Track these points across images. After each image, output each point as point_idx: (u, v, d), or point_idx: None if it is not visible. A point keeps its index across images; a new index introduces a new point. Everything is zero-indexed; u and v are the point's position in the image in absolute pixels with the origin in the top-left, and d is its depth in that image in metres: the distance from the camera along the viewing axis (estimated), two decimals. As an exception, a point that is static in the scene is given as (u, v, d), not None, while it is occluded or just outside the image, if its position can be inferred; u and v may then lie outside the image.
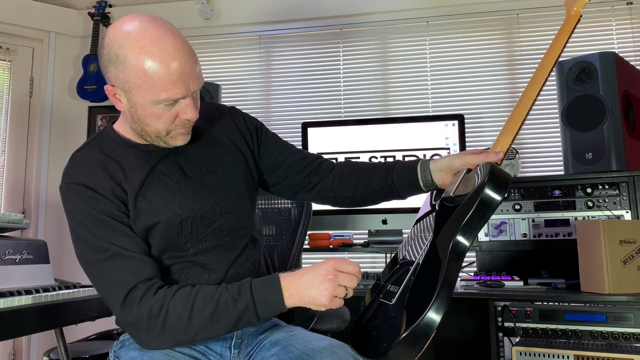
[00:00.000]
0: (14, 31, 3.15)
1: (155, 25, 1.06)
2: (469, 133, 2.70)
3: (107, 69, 1.09)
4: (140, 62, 1.03)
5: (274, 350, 1.18)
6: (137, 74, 1.04)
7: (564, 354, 1.69)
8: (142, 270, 1.08)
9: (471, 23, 2.96)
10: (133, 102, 1.09)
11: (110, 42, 1.07)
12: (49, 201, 3.15)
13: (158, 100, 1.06)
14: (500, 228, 2.21)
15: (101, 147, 1.18)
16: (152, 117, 1.09)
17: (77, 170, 1.14)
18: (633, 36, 2.78)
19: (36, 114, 3.20)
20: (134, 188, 1.13)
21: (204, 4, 3.12)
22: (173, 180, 1.17)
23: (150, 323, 1.04)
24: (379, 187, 1.31)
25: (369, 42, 3.08)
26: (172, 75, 1.04)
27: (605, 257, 1.78)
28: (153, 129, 1.12)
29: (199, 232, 1.17)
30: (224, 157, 1.24)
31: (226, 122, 1.30)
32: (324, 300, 1.02)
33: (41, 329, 1.52)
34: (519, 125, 1.24)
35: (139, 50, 1.03)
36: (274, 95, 3.14)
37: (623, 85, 2.15)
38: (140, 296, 1.04)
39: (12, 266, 1.58)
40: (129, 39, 1.04)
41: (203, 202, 1.18)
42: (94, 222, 1.09)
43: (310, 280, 1.03)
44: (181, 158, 1.20)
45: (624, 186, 2.09)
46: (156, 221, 1.13)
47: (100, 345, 2.01)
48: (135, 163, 1.16)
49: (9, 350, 2.99)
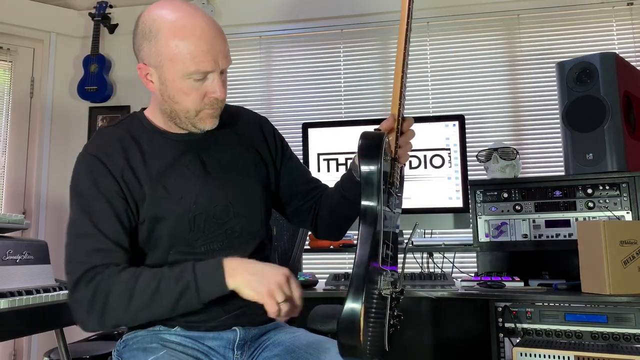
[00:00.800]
0: (15, 32, 3.15)
1: (187, 5, 1.14)
2: (470, 133, 2.70)
3: (141, 46, 1.14)
4: (173, 34, 1.09)
5: (276, 351, 1.18)
6: (169, 46, 1.09)
7: (565, 354, 1.68)
8: (107, 256, 1.09)
9: (472, 23, 2.96)
10: (164, 79, 1.13)
11: (144, 20, 1.14)
12: (50, 201, 3.15)
13: (187, 72, 1.09)
14: (500, 229, 2.21)
15: (129, 128, 1.21)
16: (181, 94, 1.12)
17: (97, 143, 1.18)
18: (633, 37, 2.78)
19: (37, 114, 3.20)
20: (152, 174, 1.15)
21: (204, 4, 3.12)
22: (193, 174, 1.19)
23: (93, 304, 1.05)
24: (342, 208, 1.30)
25: (369, 42, 3.08)
26: (201, 47, 1.09)
27: (606, 257, 1.77)
28: (182, 107, 1.14)
29: (211, 230, 1.18)
30: (245, 159, 1.26)
31: (255, 129, 1.33)
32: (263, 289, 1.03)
33: (42, 329, 1.52)
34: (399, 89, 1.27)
35: (172, 23, 1.10)
36: (275, 96, 3.14)
37: (623, 85, 2.15)
38: (91, 277, 1.06)
39: (12, 266, 1.58)
40: (163, 14, 1.11)
41: (218, 201, 1.19)
42: (89, 196, 1.12)
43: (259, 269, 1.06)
44: (204, 153, 1.22)
45: (625, 187, 2.09)
46: (169, 212, 1.14)
47: (100, 346, 2.01)
48: (159, 150, 1.18)
49: (10, 351, 2.99)
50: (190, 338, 1.17)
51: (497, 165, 2.30)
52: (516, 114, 2.86)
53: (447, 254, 2.47)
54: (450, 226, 2.35)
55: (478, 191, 2.26)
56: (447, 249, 2.35)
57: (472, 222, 2.26)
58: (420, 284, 2.09)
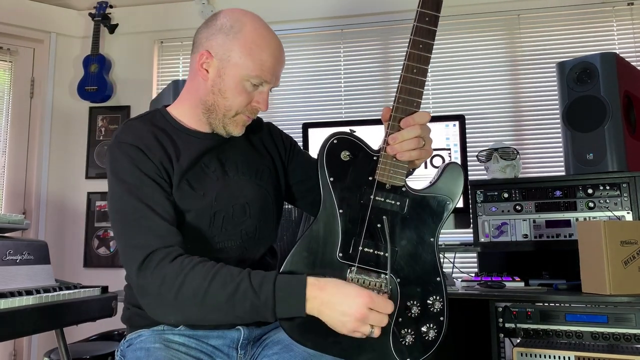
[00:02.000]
0: (15, 32, 3.15)
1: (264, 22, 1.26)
2: (470, 133, 2.70)
3: (214, 36, 1.19)
4: (254, 39, 1.18)
5: (275, 349, 1.19)
6: (246, 46, 1.17)
7: (565, 354, 1.68)
8: (166, 236, 1.07)
9: (472, 23, 2.96)
10: (223, 72, 1.18)
11: (228, 16, 1.21)
12: (50, 202, 3.15)
13: (250, 75, 1.17)
14: (501, 229, 2.21)
15: (154, 122, 1.23)
16: (234, 92, 1.18)
17: (130, 133, 1.18)
18: (634, 37, 2.78)
19: (37, 114, 3.20)
20: (181, 168, 1.17)
21: (204, 5, 3.12)
22: (213, 172, 1.21)
23: (163, 290, 1.02)
24: None
25: (369, 42, 3.08)
26: (272, 60, 1.18)
27: (607, 257, 1.77)
28: (227, 105, 1.19)
29: (229, 228, 1.20)
30: (259, 164, 1.30)
31: (265, 133, 1.38)
32: (344, 330, 1.00)
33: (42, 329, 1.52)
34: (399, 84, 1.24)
35: (256, 30, 1.20)
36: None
37: (624, 85, 2.15)
38: (157, 261, 1.03)
39: (12, 267, 1.58)
40: (248, 18, 1.21)
41: (236, 200, 1.22)
42: (135, 180, 1.11)
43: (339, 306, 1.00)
44: (222, 155, 1.25)
45: (625, 187, 2.09)
46: (192, 206, 1.16)
47: (101, 346, 2.00)
48: (184, 146, 1.21)
49: (10, 351, 2.99)
50: (194, 338, 1.17)
51: (498, 165, 2.29)
52: (517, 114, 2.86)
53: (448, 254, 2.47)
54: (450, 226, 2.35)
55: (478, 191, 2.26)
56: (448, 249, 2.35)
57: (472, 222, 2.26)
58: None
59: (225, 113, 1.20)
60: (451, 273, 2.26)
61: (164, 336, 1.15)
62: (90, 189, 3.18)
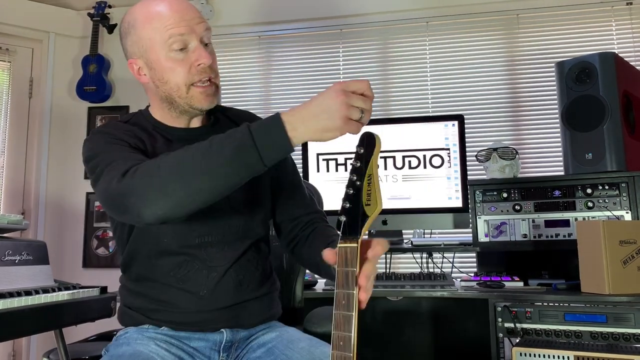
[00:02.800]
0: (14, 32, 3.14)
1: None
2: (469, 133, 2.70)
3: (126, 44, 1.20)
4: (147, 17, 1.15)
5: (259, 352, 1.18)
6: (145, 29, 1.15)
7: (564, 354, 1.68)
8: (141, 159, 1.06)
9: (471, 23, 2.96)
10: (150, 63, 1.16)
11: (123, 21, 1.21)
12: (49, 202, 3.15)
13: (165, 42, 1.13)
14: (500, 228, 2.21)
15: (136, 122, 1.24)
16: (168, 71, 1.15)
17: (106, 125, 1.21)
18: (633, 36, 2.78)
19: (36, 114, 3.20)
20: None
21: (203, 4, 3.12)
22: None
23: (144, 182, 0.97)
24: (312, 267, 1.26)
25: (369, 42, 3.08)
26: (172, 15, 1.14)
27: (606, 257, 1.78)
28: (173, 85, 1.16)
29: (208, 223, 1.16)
30: None
31: None
32: (338, 122, 0.93)
33: (41, 330, 1.52)
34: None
35: (145, 8, 1.17)
36: (274, 96, 3.13)
37: (623, 85, 2.15)
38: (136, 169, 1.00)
39: (11, 267, 1.58)
40: (137, 7, 1.19)
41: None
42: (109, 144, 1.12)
43: (317, 106, 0.93)
44: None
45: (624, 186, 2.09)
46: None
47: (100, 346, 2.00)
48: (165, 144, 1.20)
49: (9, 351, 2.99)
50: (176, 338, 1.17)
51: (497, 165, 2.30)
52: (516, 114, 2.86)
53: (447, 254, 2.47)
54: (449, 226, 2.35)
55: (477, 191, 2.26)
56: (447, 249, 2.35)
57: (471, 222, 2.26)
58: (420, 284, 2.09)
59: (178, 94, 1.17)
60: (450, 273, 2.26)
61: (147, 334, 1.17)
62: (89, 189, 3.18)
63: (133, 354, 1.10)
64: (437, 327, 2.44)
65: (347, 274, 0.88)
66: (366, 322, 2.51)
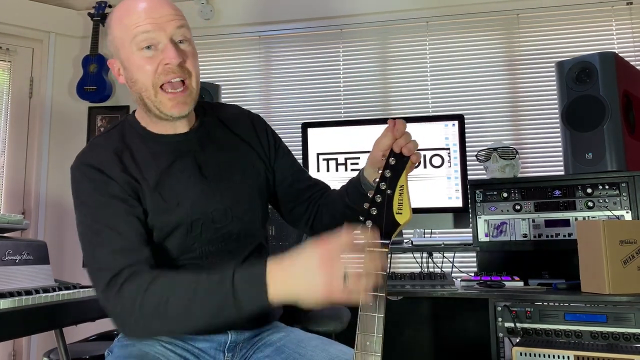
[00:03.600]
0: (14, 31, 3.14)
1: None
2: (469, 133, 2.70)
3: (107, 44, 1.18)
4: (118, 14, 1.14)
5: (267, 352, 1.18)
6: (117, 27, 1.13)
7: (564, 354, 1.68)
8: (130, 254, 1.04)
9: (471, 23, 2.96)
10: (123, 62, 1.13)
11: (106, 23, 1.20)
12: (49, 202, 3.15)
13: (133, 40, 1.09)
14: (500, 228, 2.21)
15: (122, 135, 1.18)
16: (137, 70, 1.11)
17: (91, 153, 1.14)
18: (633, 36, 2.78)
19: (36, 114, 3.20)
20: (149, 184, 1.12)
21: (203, 4, 3.12)
22: (189, 179, 1.15)
23: (127, 310, 0.99)
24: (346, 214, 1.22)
25: (369, 42, 3.08)
26: (140, 13, 1.10)
27: (606, 257, 1.78)
28: (142, 85, 1.11)
29: (209, 234, 1.15)
30: (242, 160, 1.23)
31: (248, 127, 1.29)
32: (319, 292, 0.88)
33: (41, 329, 1.52)
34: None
35: (119, 8, 1.15)
36: (274, 96, 3.13)
37: (623, 85, 2.15)
38: (120, 283, 1.00)
39: (12, 267, 1.58)
40: (115, 9, 1.16)
41: (215, 205, 1.16)
42: (96, 204, 1.08)
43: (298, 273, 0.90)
44: (200, 155, 1.18)
45: (624, 186, 2.09)
46: (167, 220, 1.12)
47: (100, 346, 2.00)
48: (153, 157, 1.15)
49: (9, 351, 2.99)
50: (181, 339, 1.17)
51: (497, 165, 2.30)
52: (516, 114, 2.86)
53: (447, 254, 2.47)
54: (449, 226, 2.35)
55: (478, 191, 2.26)
56: (447, 248, 2.35)
57: (471, 222, 2.26)
58: (420, 283, 2.09)
59: (147, 96, 1.12)
60: (450, 272, 2.26)
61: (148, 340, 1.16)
62: (89, 189, 3.18)
63: (139, 355, 1.10)
64: (437, 327, 2.44)
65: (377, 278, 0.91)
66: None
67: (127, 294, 0.99)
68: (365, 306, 0.90)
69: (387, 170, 0.99)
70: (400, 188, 0.98)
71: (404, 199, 0.97)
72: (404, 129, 1.08)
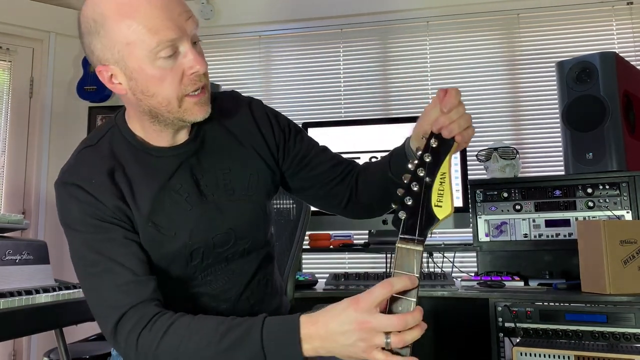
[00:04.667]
0: (14, 31, 3.14)
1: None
2: (469, 133, 2.70)
3: (90, 45, 0.95)
4: (120, 14, 0.91)
5: None
6: (121, 30, 0.91)
7: (565, 354, 1.68)
8: (136, 290, 0.93)
9: (471, 23, 2.96)
10: (130, 72, 0.94)
11: (84, 15, 0.97)
12: (49, 201, 3.14)
13: (151, 49, 0.90)
14: (500, 228, 2.21)
15: (111, 146, 1.03)
16: (155, 83, 0.94)
17: (79, 170, 1.00)
18: (633, 36, 2.78)
19: (36, 114, 3.20)
20: (141, 210, 0.99)
21: (203, 4, 3.12)
22: (186, 201, 1.02)
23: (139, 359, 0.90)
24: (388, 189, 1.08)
25: (369, 42, 3.08)
26: (156, 14, 0.90)
27: (606, 257, 1.77)
28: (161, 100, 0.95)
29: (210, 259, 1.04)
30: (245, 170, 1.09)
31: (248, 121, 1.13)
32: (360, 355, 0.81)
33: (41, 329, 1.52)
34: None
35: (115, 3, 0.91)
36: (274, 96, 3.13)
37: (623, 85, 2.15)
38: (130, 326, 0.90)
39: (12, 267, 1.58)
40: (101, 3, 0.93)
41: (217, 230, 1.04)
42: (88, 228, 0.96)
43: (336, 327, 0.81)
44: (197, 169, 1.05)
45: (625, 186, 2.09)
46: (163, 253, 1.01)
47: (100, 346, 2.00)
48: (144, 176, 1.01)
49: (9, 351, 2.99)
50: None
51: (497, 165, 2.30)
52: (516, 114, 2.86)
53: (447, 254, 2.47)
54: (450, 226, 2.35)
55: (478, 191, 2.26)
56: (447, 248, 2.35)
57: (472, 222, 2.26)
58: (420, 283, 2.08)
59: (168, 109, 0.96)
60: (451, 272, 2.26)
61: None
62: (89, 189, 3.18)
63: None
64: (437, 327, 2.43)
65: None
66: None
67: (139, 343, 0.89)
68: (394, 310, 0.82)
69: (427, 153, 0.83)
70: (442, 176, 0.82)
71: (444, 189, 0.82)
72: (454, 102, 0.87)
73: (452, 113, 0.86)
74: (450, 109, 0.86)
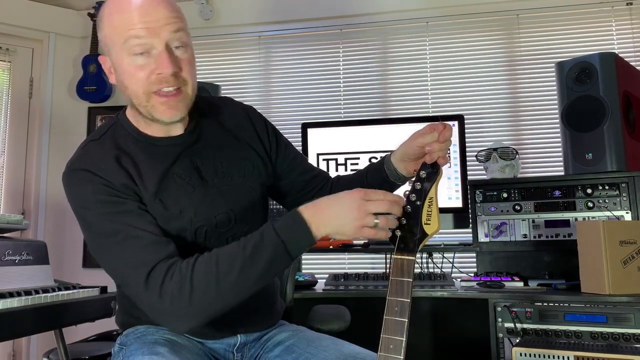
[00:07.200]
0: (14, 32, 3.14)
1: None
2: (469, 133, 2.70)
3: (98, 38, 1.13)
4: (111, 11, 1.07)
5: (276, 351, 1.18)
6: (108, 26, 1.07)
7: (564, 354, 1.68)
8: (159, 249, 1.00)
9: (471, 23, 2.96)
10: (114, 64, 1.08)
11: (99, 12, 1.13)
12: (49, 202, 3.14)
13: (124, 43, 1.03)
14: (500, 229, 2.21)
15: (115, 140, 1.12)
16: (128, 75, 1.06)
17: (87, 159, 1.08)
18: (633, 36, 2.78)
19: (36, 114, 3.20)
20: (149, 190, 1.07)
21: (203, 5, 3.12)
22: (189, 184, 1.11)
23: (176, 304, 0.96)
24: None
25: (368, 42, 3.08)
26: (134, 14, 1.03)
27: (606, 257, 1.78)
28: (132, 92, 1.06)
29: (212, 240, 1.12)
30: (241, 159, 1.20)
31: (245, 122, 1.25)
32: (351, 229, 0.96)
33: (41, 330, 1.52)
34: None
35: (110, 3, 1.08)
36: (274, 96, 3.13)
37: (623, 85, 2.15)
38: (162, 277, 0.97)
39: (11, 267, 1.58)
40: (107, 2, 1.10)
41: (219, 210, 1.13)
42: (103, 205, 1.02)
43: (336, 213, 0.97)
44: (197, 157, 1.14)
45: (624, 187, 2.09)
46: (171, 228, 1.08)
47: (99, 346, 2.00)
48: (149, 162, 1.10)
49: (9, 351, 2.99)
50: (195, 339, 1.18)
51: (497, 165, 2.30)
52: (516, 114, 2.86)
53: (447, 254, 2.47)
54: (449, 226, 2.35)
55: (477, 191, 2.26)
56: (447, 249, 2.35)
57: (471, 222, 2.26)
58: (420, 284, 2.09)
59: (138, 102, 1.07)
60: (450, 273, 2.26)
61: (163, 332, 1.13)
62: (89, 189, 3.18)
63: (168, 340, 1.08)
64: (437, 327, 2.43)
65: (402, 284, 0.99)
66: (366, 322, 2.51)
67: (172, 286, 0.96)
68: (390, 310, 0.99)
69: (418, 182, 1.03)
70: (430, 200, 1.02)
71: (432, 210, 1.02)
72: (449, 135, 1.08)
73: (445, 144, 1.06)
74: (446, 139, 1.06)
